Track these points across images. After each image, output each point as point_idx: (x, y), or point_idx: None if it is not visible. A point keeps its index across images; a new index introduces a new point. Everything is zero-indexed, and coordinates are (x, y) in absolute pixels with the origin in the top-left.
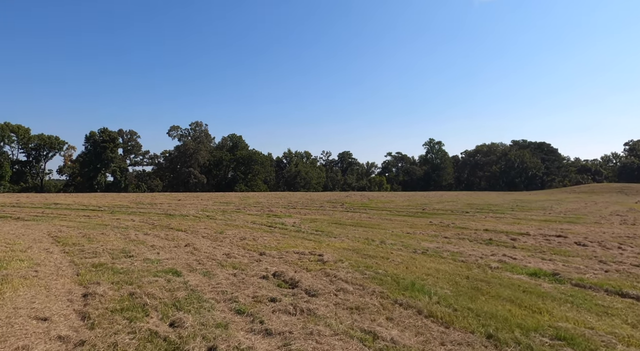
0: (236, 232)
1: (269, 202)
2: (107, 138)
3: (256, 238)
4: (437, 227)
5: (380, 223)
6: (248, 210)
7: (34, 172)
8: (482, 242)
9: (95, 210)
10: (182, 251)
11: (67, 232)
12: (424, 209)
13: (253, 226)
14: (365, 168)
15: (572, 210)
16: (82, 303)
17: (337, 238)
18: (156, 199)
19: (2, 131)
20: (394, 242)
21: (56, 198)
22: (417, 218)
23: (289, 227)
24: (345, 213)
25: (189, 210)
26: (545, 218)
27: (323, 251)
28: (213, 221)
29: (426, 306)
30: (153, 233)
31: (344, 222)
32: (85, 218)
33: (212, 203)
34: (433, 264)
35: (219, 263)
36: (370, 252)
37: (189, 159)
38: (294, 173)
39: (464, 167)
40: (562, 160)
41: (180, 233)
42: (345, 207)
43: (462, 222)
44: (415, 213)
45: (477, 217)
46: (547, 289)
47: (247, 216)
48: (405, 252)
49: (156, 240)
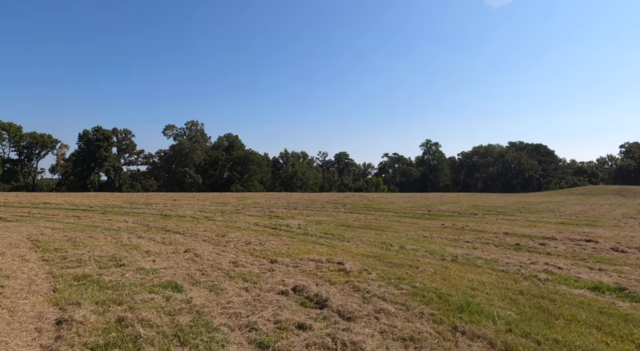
0: (239, 234)
1: (268, 203)
2: (101, 137)
3: (262, 242)
4: (452, 230)
5: (390, 226)
6: (248, 211)
7: (25, 171)
8: (509, 247)
9: (86, 210)
10: (181, 258)
11: (51, 235)
12: (429, 211)
13: (256, 228)
14: (362, 169)
15: (581, 213)
16: (54, 335)
17: (350, 243)
18: (151, 199)
19: None
20: (415, 247)
21: (47, 197)
22: (426, 220)
23: (295, 229)
24: (350, 214)
25: (185, 210)
26: (559, 220)
27: (341, 258)
28: (212, 222)
29: (497, 335)
30: (148, 236)
31: (352, 224)
32: (74, 219)
33: (209, 203)
34: (472, 275)
35: (226, 274)
36: (393, 259)
37: (185, 159)
38: (291, 173)
39: (461, 169)
40: (559, 162)
41: (178, 236)
42: (347, 208)
43: (475, 225)
44: (422, 215)
45: (487, 219)
46: (627, 309)
47: (248, 217)
48: (433, 259)
49: (152, 244)
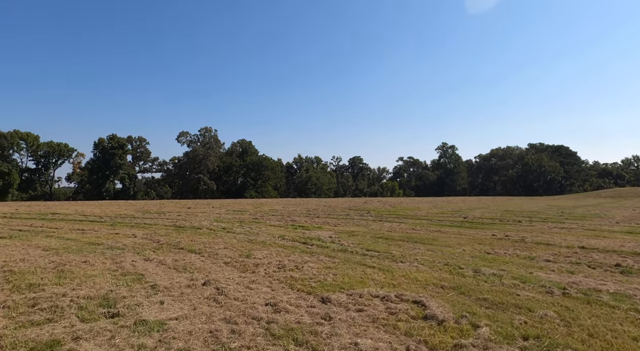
0: (267, 253)
1: (287, 210)
2: (115, 145)
3: (299, 265)
4: (511, 243)
5: (435, 238)
6: (267, 220)
7: (42, 180)
8: (609, 269)
9: (93, 222)
10: (199, 295)
11: (34, 261)
12: (464, 217)
13: (284, 243)
14: (377, 173)
15: (633, 218)
16: None
17: (406, 263)
18: (164, 207)
19: (12, 139)
20: (493, 270)
21: (59, 207)
22: (470, 230)
23: (328, 243)
24: (380, 223)
25: (201, 220)
26: (622, 228)
27: (413, 292)
28: (232, 236)
29: None
30: (157, 259)
31: (389, 235)
32: (77, 233)
33: (225, 211)
34: (628, 327)
35: (267, 330)
36: (482, 293)
37: (199, 165)
38: (305, 179)
39: (479, 172)
40: (582, 164)
41: (194, 256)
42: (373, 215)
43: (533, 235)
44: (461, 223)
45: (537, 227)
46: None
47: (270, 228)
48: (534, 291)
49: (161, 271)
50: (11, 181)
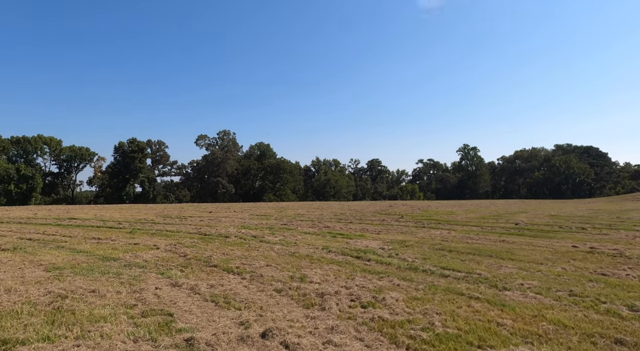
0: (322, 274)
1: (313, 214)
2: (135, 149)
3: (375, 295)
4: (611, 258)
5: (508, 250)
6: (298, 226)
7: (65, 184)
8: None
9: (112, 228)
10: None
11: (24, 291)
12: (516, 223)
13: (333, 258)
14: (396, 176)
15: None
16: None
17: (515, 293)
18: (185, 211)
19: (35, 143)
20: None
21: (78, 211)
22: (539, 239)
23: (386, 258)
24: (424, 229)
25: (226, 226)
26: None
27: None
28: (268, 246)
29: None
30: (187, 284)
31: (450, 246)
32: (92, 243)
33: (249, 216)
34: None
35: None
36: None
37: (217, 169)
38: (324, 182)
39: (502, 174)
40: (613, 165)
41: (233, 279)
42: (411, 221)
43: (626, 248)
44: (519, 230)
45: (614, 236)
46: None
47: (306, 236)
48: None
49: (195, 307)
50: (35, 185)
